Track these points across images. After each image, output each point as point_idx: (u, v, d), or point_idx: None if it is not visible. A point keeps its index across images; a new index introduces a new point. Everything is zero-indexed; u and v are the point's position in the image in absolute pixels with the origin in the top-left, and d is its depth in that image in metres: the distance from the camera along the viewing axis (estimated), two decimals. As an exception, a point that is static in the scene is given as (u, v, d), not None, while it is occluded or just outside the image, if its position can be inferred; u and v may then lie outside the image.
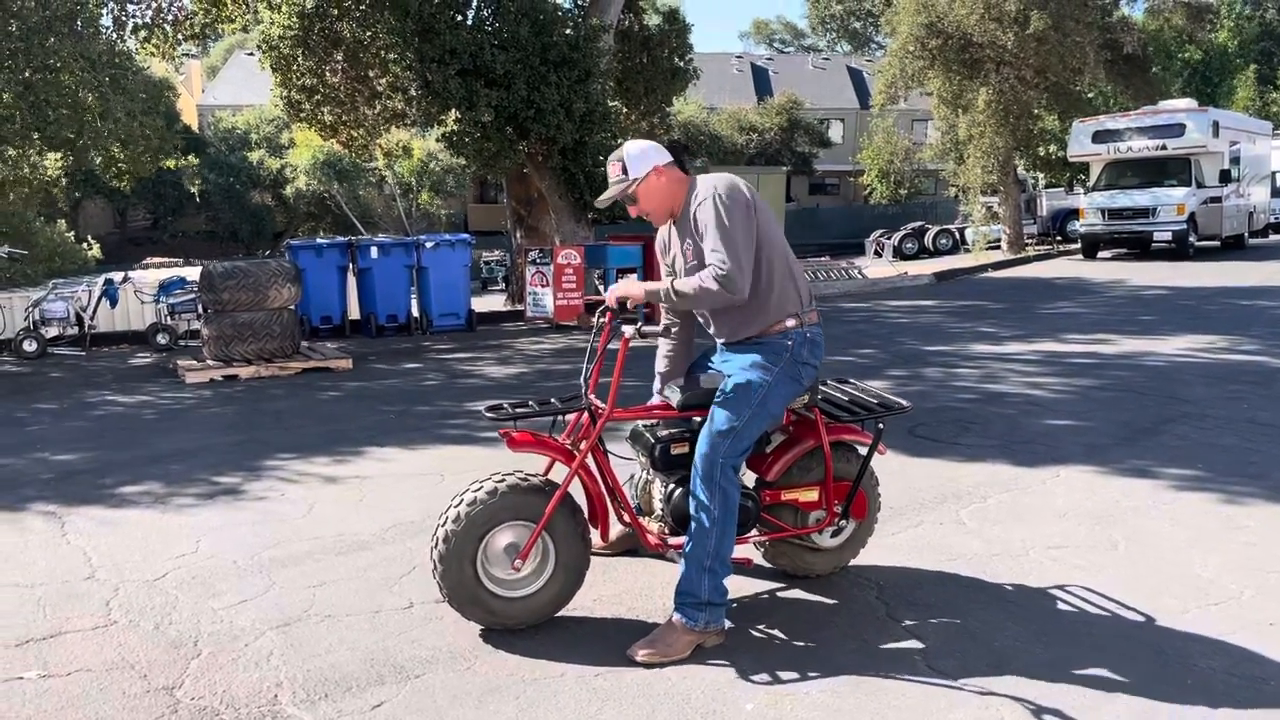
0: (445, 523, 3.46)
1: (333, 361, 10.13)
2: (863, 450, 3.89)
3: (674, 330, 3.85)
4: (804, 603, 3.83)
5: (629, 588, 3.96)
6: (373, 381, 9.41)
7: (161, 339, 12.20)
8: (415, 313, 13.55)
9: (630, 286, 3.58)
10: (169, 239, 38.58)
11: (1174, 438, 6.17)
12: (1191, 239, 20.47)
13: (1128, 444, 6.05)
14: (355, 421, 7.51)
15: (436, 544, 3.46)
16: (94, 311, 12.60)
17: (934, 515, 4.78)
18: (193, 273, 12.86)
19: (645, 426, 3.79)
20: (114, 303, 12.90)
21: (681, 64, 17.58)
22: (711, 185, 3.44)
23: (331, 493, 5.51)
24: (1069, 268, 20.35)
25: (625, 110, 17.18)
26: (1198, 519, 4.64)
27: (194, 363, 10.03)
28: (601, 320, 3.60)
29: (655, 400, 3.88)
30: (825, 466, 3.79)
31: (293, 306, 10.46)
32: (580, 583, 3.62)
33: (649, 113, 17.57)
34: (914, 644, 3.44)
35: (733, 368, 3.53)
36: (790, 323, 3.51)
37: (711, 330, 3.70)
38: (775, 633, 3.54)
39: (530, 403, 3.77)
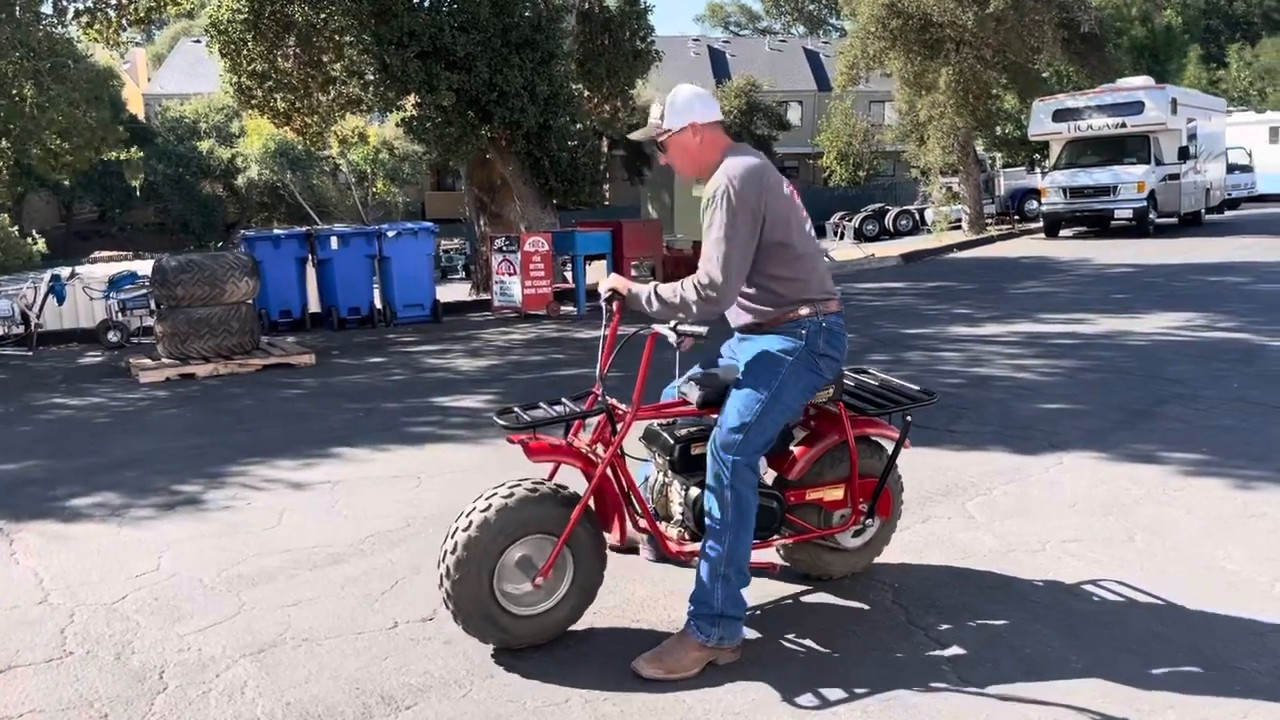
0: (461, 531, 3.16)
1: (294, 357, 9.75)
2: (888, 445, 3.67)
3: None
4: (820, 609, 3.60)
5: (632, 597, 3.70)
6: (337, 377, 9.05)
7: (113, 337, 11.72)
8: (378, 304, 13.16)
9: (618, 282, 3.36)
10: (117, 232, 37.61)
11: (1171, 420, 6.03)
12: (1152, 216, 20.56)
13: (1126, 427, 5.89)
14: (322, 421, 7.17)
15: (450, 553, 3.16)
16: (40, 309, 12.08)
17: (941, 509, 4.57)
18: (144, 267, 12.38)
19: (662, 426, 3.52)
20: (61, 299, 12.39)
21: (643, 46, 17.25)
22: (727, 177, 3.16)
23: (301, 500, 5.20)
24: (1033, 246, 20.36)
25: (588, 94, 16.85)
26: (1212, 506, 4.48)
27: (148, 361, 9.60)
28: (610, 309, 3.34)
29: (672, 396, 3.60)
30: (850, 463, 3.56)
31: (251, 300, 10.06)
32: (593, 598, 3.38)
33: (611, 95, 17.24)
34: (940, 652, 3.22)
35: (746, 358, 3.29)
36: (805, 310, 3.27)
37: (728, 317, 3.45)
38: (794, 645, 3.31)
39: (541, 405, 3.48)
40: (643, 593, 3.75)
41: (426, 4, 13.36)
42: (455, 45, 12.55)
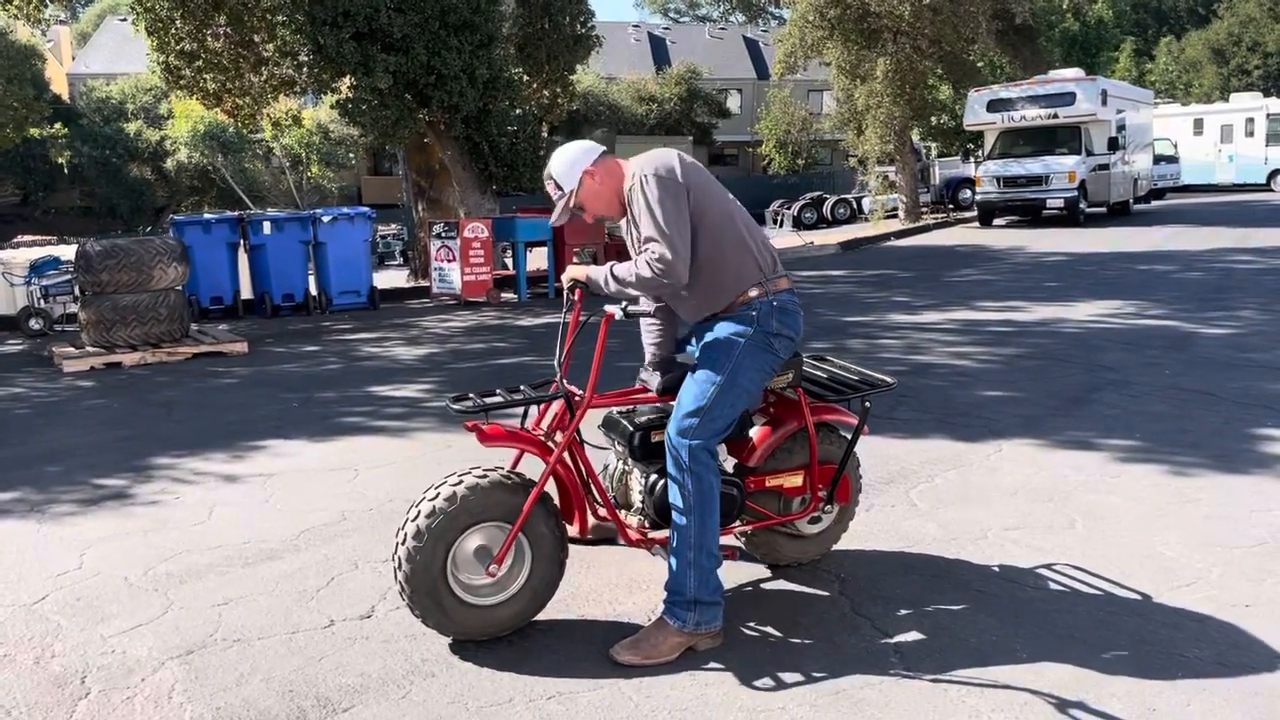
0: (414, 520, 3.11)
1: (226, 345, 9.48)
2: (846, 431, 3.66)
3: (658, 310, 3.53)
4: (766, 599, 3.56)
5: (578, 589, 3.63)
6: (270, 366, 8.82)
7: (34, 324, 11.30)
8: (314, 291, 12.87)
9: (574, 270, 3.36)
10: (41, 215, 36.32)
11: (1106, 407, 6.11)
12: (1082, 206, 20.97)
13: (1062, 414, 5.96)
14: (254, 411, 6.97)
15: (403, 542, 3.10)
16: (-45, 296, 11.61)
17: (884, 498, 4.57)
18: (68, 252, 11.93)
19: (621, 413, 3.49)
20: (-23, 286, 11.91)
21: (583, 31, 17.08)
22: (638, 169, 3.18)
23: (233, 494, 5.03)
24: (968, 235, 20.65)
25: (527, 78, 16.64)
26: (1149, 493, 4.54)
27: (71, 350, 9.26)
28: (572, 297, 3.32)
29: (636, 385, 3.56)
30: (810, 449, 3.55)
31: (180, 287, 9.75)
32: (560, 577, 3.32)
33: (551, 80, 17.05)
34: (886, 641, 3.20)
35: (701, 344, 3.29)
36: (754, 292, 3.25)
37: (679, 312, 3.46)
38: (740, 637, 3.26)
39: (498, 391, 3.42)
40: (589, 584, 3.68)
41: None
42: (392, 26, 12.28)
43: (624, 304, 3.22)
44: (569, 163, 3.29)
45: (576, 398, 3.34)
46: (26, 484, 5.32)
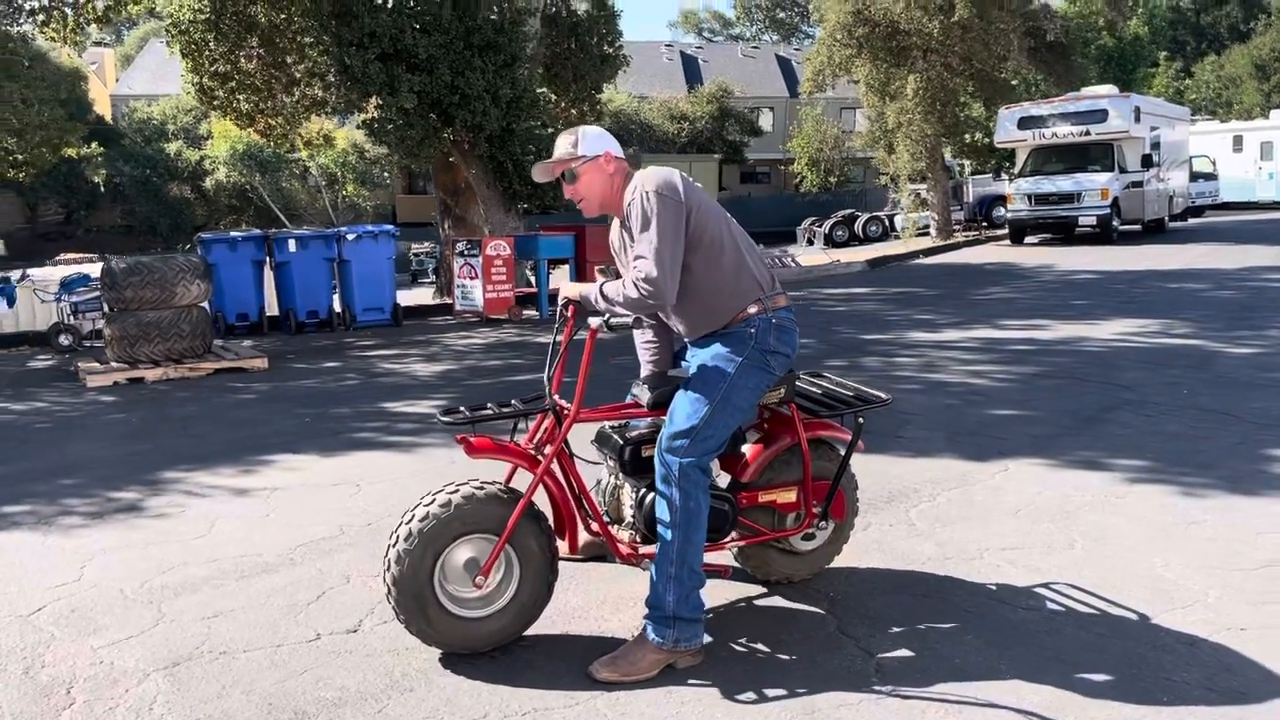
0: (397, 544, 3.14)
1: (247, 361, 9.60)
2: (841, 447, 3.65)
3: (647, 322, 3.54)
4: (752, 615, 3.53)
5: (565, 606, 3.62)
6: (289, 382, 8.91)
7: (64, 340, 11.50)
8: (337, 308, 13.01)
9: (567, 288, 3.39)
10: (83, 234, 37.05)
11: (1119, 426, 6.02)
12: (1115, 223, 20.70)
13: (1073, 434, 5.88)
14: (267, 426, 7.05)
15: (394, 544, 3.15)
16: (-12, 312, 11.87)
17: (882, 516, 4.52)
18: (97, 269, 12.15)
19: (613, 428, 3.51)
20: (11, 302, 12.15)
21: (611, 50, 17.23)
22: (640, 184, 3.19)
23: (236, 507, 5.08)
24: (998, 253, 20.46)
25: (555, 97, 16.78)
26: (1154, 514, 4.46)
27: (96, 365, 9.42)
28: (565, 314, 3.35)
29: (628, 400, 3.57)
30: (803, 465, 3.54)
31: (203, 304, 9.90)
32: (547, 598, 3.32)
33: (578, 100, 17.18)
34: (868, 660, 3.16)
35: (696, 361, 3.29)
36: (753, 309, 3.26)
37: (677, 328, 3.47)
38: (721, 654, 3.24)
39: (490, 405, 3.45)
40: (575, 601, 3.67)
41: (388, 5, 13.23)
42: (417, 47, 12.45)
43: (606, 317, 3.22)
44: (599, 136, 3.32)
45: (564, 411, 3.35)
46: (39, 496, 5.41)
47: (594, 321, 3.24)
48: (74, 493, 5.46)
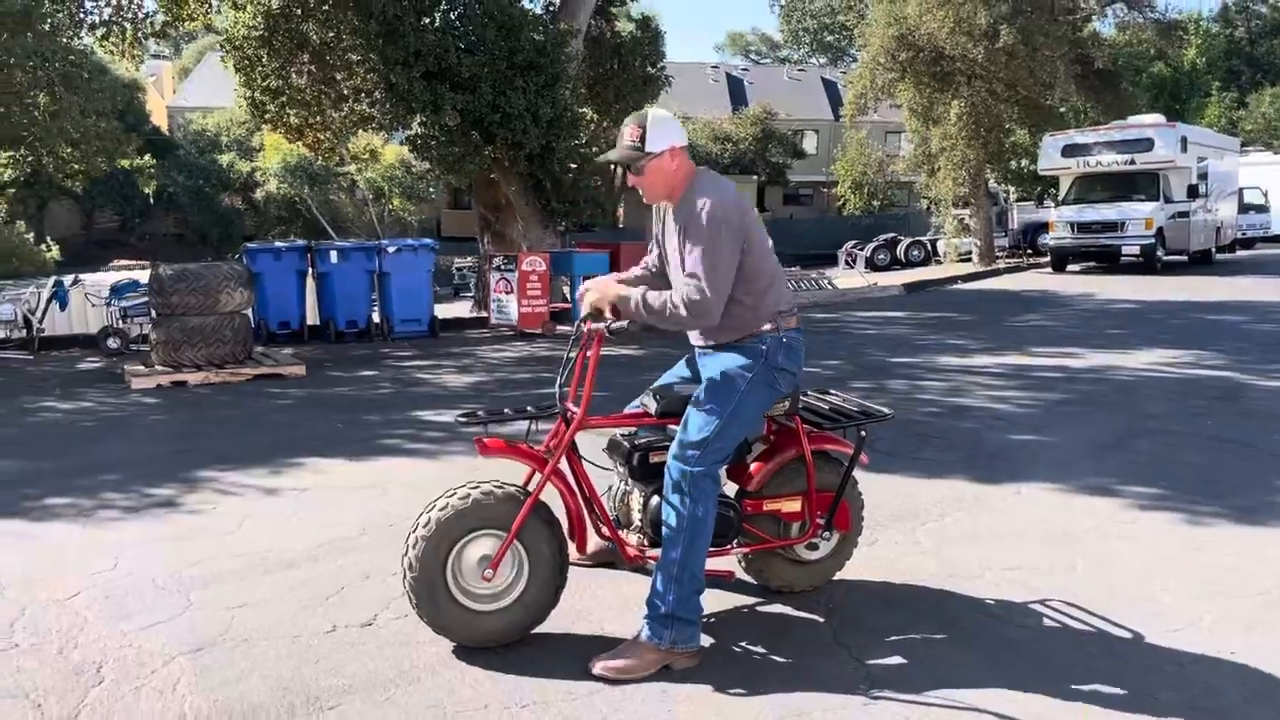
0: (417, 530, 3.33)
1: (285, 368, 9.87)
2: (844, 460, 3.77)
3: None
4: (747, 624, 3.64)
5: (604, 600, 3.78)
6: (325, 389, 9.15)
7: (112, 343, 11.87)
8: (376, 319, 13.29)
9: (606, 288, 3.41)
10: (137, 241, 37.99)
11: (1137, 454, 6.04)
12: (1159, 253, 20.50)
13: (1091, 460, 5.91)
14: (301, 430, 7.27)
15: (414, 530, 3.34)
16: (43, 314, 12.27)
17: (889, 534, 4.61)
18: (146, 276, 12.54)
19: (623, 435, 3.65)
20: (64, 305, 12.58)
21: (653, 71, 17.45)
22: (705, 199, 3.26)
23: (266, 506, 5.28)
24: (1038, 280, 20.34)
25: (596, 117, 17.01)
26: (1158, 539, 4.50)
27: (141, 368, 9.74)
28: (582, 329, 3.46)
29: (635, 407, 3.70)
30: (807, 476, 3.66)
31: (246, 311, 10.19)
32: (554, 601, 3.47)
33: (619, 119, 17.39)
34: (857, 671, 3.26)
35: (707, 373, 3.42)
36: (766, 327, 3.39)
37: (690, 336, 3.60)
38: (711, 660, 3.35)
39: (506, 410, 3.66)
40: (581, 603, 3.80)
41: (434, 25, 13.54)
42: (460, 66, 12.73)
43: (607, 323, 3.34)
44: (665, 127, 3.33)
45: (573, 415, 3.49)
46: (81, 491, 5.65)
47: (597, 325, 3.36)
48: (113, 488, 5.70)
